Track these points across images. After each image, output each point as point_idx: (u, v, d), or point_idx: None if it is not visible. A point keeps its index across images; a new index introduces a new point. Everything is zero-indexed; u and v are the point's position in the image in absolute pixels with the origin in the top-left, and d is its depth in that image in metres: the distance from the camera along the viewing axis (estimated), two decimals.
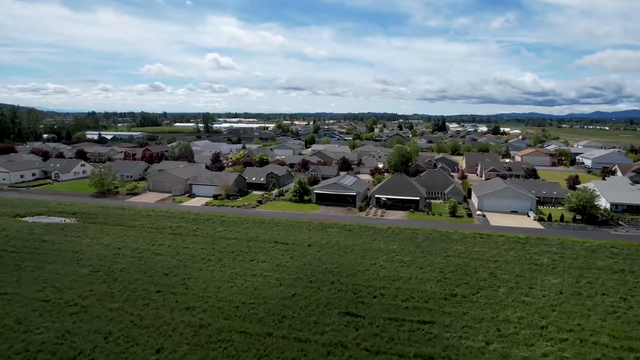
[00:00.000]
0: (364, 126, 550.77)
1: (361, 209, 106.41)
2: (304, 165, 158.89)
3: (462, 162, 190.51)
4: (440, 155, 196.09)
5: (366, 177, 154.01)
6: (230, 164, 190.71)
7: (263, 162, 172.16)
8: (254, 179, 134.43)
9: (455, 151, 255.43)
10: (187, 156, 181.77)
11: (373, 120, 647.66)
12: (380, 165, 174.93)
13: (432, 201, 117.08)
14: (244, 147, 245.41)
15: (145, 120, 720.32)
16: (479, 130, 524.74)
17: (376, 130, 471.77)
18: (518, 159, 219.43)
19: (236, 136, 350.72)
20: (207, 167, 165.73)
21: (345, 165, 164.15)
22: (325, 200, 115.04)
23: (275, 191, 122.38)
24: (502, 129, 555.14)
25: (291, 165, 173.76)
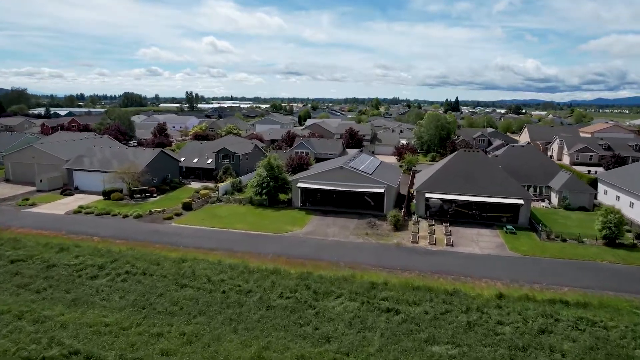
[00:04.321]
0: (368, 106, 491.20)
1: (398, 224, 48.92)
2: (289, 140, 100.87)
3: (522, 139, 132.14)
4: (489, 129, 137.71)
5: (387, 160, 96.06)
6: (189, 140, 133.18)
7: None
8: (195, 160, 76.64)
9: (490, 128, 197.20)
10: (121, 129, 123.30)
11: (377, 100, 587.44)
12: (404, 142, 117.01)
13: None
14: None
15: (129, 100, 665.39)
16: (497, 111, 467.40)
17: (381, 110, 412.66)
18: (585, 136, 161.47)
19: (217, 113, 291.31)
20: (139, 143, 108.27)
21: (353, 142, 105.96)
22: (320, 203, 57.81)
23: (226, 184, 64.72)
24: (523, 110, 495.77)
25: (272, 142, 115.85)
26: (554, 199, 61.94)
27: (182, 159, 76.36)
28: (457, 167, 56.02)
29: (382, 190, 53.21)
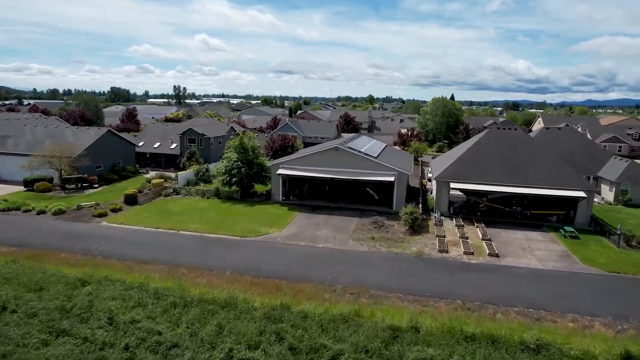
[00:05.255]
0: (362, 102, 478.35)
1: (415, 225, 35.15)
2: (275, 126, 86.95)
3: (536, 129, 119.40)
4: (500, 119, 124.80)
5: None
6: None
7: None
8: (156, 145, 62.44)
9: None
10: (87, 115, 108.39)
11: (371, 96, 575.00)
12: (404, 131, 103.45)
13: None
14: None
15: (117, 96, 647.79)
16: (494, 108, 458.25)
17: (376, 105, 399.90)
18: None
19: (202, 105, 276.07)
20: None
21: (349, 129, 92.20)
22: (308, 196, 44.04)
23: (188, 172, 50.68)
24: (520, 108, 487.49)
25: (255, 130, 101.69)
26: (607, 193, 48.91)
27: (141, 144, 62.13)
28: (489, 149, 42.42)
29: (391, 179, 39.40)
